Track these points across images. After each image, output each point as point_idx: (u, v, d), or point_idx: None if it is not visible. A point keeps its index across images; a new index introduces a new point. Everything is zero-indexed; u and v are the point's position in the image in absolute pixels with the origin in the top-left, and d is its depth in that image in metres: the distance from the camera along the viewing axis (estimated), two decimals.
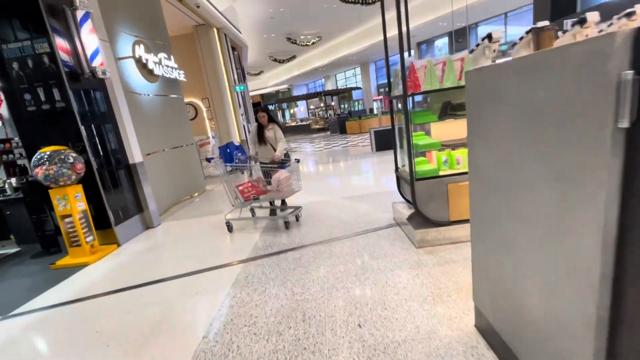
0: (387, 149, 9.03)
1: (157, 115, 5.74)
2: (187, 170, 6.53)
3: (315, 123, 21.24)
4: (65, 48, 3.73)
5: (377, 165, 7.25)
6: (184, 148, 6.53)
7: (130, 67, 5.07)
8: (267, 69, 23.99)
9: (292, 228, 3.82)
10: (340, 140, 14.29)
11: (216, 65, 9.28)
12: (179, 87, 6.62)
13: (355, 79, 24.54)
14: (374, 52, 19.09)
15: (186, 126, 6.79)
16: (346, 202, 4.55)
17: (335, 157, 9.59)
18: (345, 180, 6.19)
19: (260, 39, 15.34)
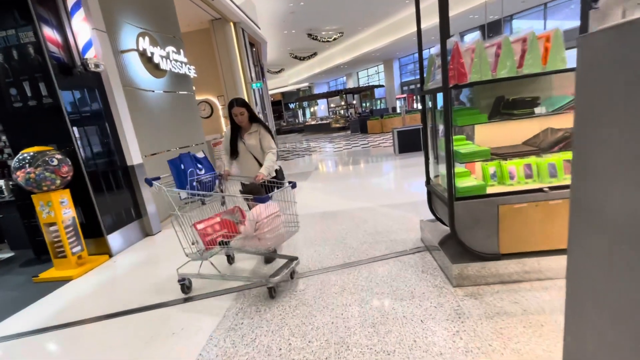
0: (411, 151, 8.30)
1: (163, 113, 5.35)
2: None
3: (336, 122, 20.61)
4: (52, 38, 3.34)
5: (400, 170, 6.56)
6: (194, 148, 6.12)
7: (133, 61, 4.68)
8: (288, 66, 23.60)
9: (299, 245, 3.26)
10: (361, 140, 13.61)
11: (232, 61, 8.87)
12: (189, 83, 6.22)
13: (378, 77, 23.68)
14: (398, 48, 18.20)
15: (196, 124, 6.39)
16: (364, 214, 3.94)
17: (355, 159, 8.96)
18: (364, 186, 5.56)
19: (280, 35, 14.89)
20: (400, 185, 5.40)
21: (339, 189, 5.59)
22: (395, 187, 5.34)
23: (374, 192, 5.02)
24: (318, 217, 4.07)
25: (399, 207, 4.02)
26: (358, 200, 4.62)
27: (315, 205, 4.75)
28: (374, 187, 5.42)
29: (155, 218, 4.44)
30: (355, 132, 17.29)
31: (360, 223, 3.64)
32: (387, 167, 7.04)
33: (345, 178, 6.51)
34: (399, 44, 16.60)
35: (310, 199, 5.11)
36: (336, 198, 4.97)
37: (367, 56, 18.95)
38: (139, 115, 4.71)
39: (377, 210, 4.03)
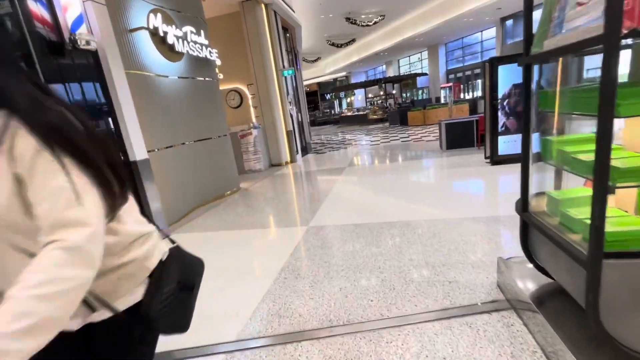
0: (461, 147, 7.08)
1: (179, 102, 4.75)
2: (216, 166, 5.52)
3: (373, 113, 19.37)
4: (33, 9, 2.77)
5: (451, 171, 5.46)
6: (214, 140, 5.52)
7: (143, 42, 4.08)
8: (325, 55, 22.59)
9: (320, 276, 2.44)
10: (400, 133, 12.41)
11: (262, 46, 8.15)
12: (211, 69, 5.59)
13: (420, 64, 21.89)
14: (446, 32, 16.44)
15: (219, 115, 5.77)
16: (408, 232, 3.02)
17: (393, 154, 7.92)
18: (405, 191, 4.59)
19: (317, 20, 13.94)
20: (453, 193, 4.36)
21: (375, 192, 4.67)
22: (447, 194, 4.31)
23: (418, 200, 4.04)
24: (349, 231, 3.22)
25: (457, 225, 3.04)
26: (399, 210, 3.69)
27: (346, 211, 3.89)
28: (418, 192, 4.43)
29: (163, 220, 3.87)
30: (394, 124, 16.02)
31: (403, 246, 2.73)
32: (434, 167, 5.95)
33: (383, 178, 5.55)
34: (446, 26, 14.91)
35: (341, 203, 4.26)
36: (372, 204, 4.07)
37: (409, 41, 17.39)
38: (149, 104, 4.13)
39: (426, 227, 3.08)
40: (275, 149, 8.61)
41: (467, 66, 18.68)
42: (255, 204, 4.87)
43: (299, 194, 5.24)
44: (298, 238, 3.24)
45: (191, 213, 4.82)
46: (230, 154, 6.03)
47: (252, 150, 7.93)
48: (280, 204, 4.72)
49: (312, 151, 11.01)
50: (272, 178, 6.93)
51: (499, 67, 4.94)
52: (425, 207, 3.72)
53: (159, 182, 4.12)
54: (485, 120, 5.40)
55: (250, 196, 5.47)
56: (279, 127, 8.56)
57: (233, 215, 4.45)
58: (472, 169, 5.27)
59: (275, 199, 5.06)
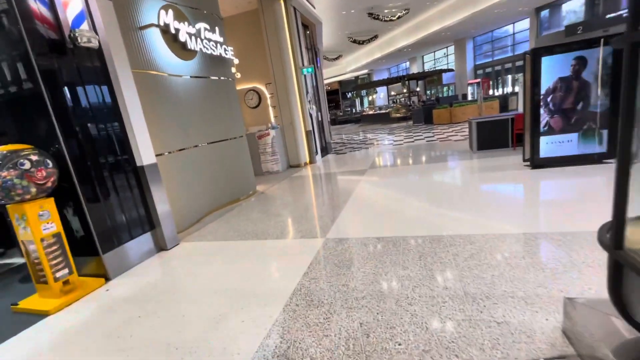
0: (493, 148, 6.48)
1: (192, 102, 4.53)
2: (231, 168, 5.29)
3: (396, 111, 18.70)
4: (31, 5, 2.58)
5: (485, 175, 4.92)
6: (230, 142, 5.28)
7: (154, 40, 3.87)
8: (346, 52, 22.11)
9: (334, 308, 2.08)
10: (425, 132, 11.79)
11: (281, 43, 7.87)
12: (226, 67, 5.35)
13: (446, 60, 20.94)
14: (474, 25, 15.54)
15: (235, 115, 5.52)
16: (440, 251, 2.59)
17: (418, 155, 7.40)
18: (432, 198, 4.13)
19: (338, 16, 13.53)
20: (491, 202, 3.85)
21: (400, 199, 4.24)
22: (483, 203, 3.81)
23: (450, 210, 3.58)
24: (371, 245, 2.84)
25: (499, 242, 2.58)
26: (428, 221, 3.26)
27: (368, 221, 3.50)
28: (449, 200, 3.96)
29: (172, 228, 3.64)
30: (419, 123, 15.34)
31: (436, 269, 2.32)
32: (465, 170, 5.42)
33: (408, 182, 5.09)
34: (476, 19, 14.06)
35: (363, 211, 3.87)
36: (396, 213, 3.65)
37: (435, 36, 16.60)
38: (159, 105, 3.92)
39: (462, 245, 2.64)
40: (294, 149, 8.32)
41: (496, 61, 17.62)
42: (270, 210, 4.58)
43: (318, 199, 4.90)
44: (314, 253, 2.89)
45: (205, 218, 4.60)
46: (246, 156, 5.78)
47: (269, 152, 7.67)
48: (296, 210, 4.40)
49: (332, 151, 10.65)
50: (289, 180, 6.64)
51: (542, 58, 4.36)
52: (458, 218, 3.26)
53: (170, 187, 3.91)
54: (525, 119, 4.82)
55: (266, 200, 5.19)
56: (297, 127, 8.26)
57: (246, 222, 4.17)
58: (510, 173, 4.71)
59: (292, 204, 4.74)
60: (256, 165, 7.82)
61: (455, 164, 5.94)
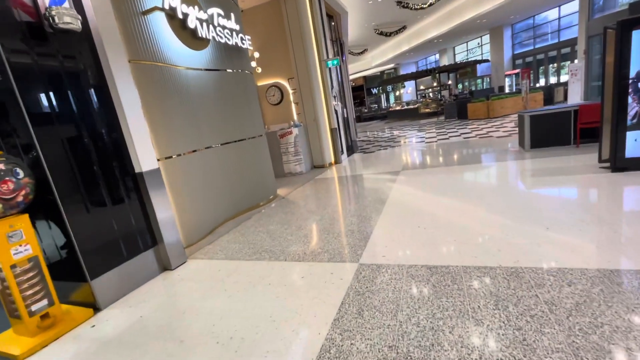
0: (552, 145, 5.50)
1: (204, 98, 4.00)
2: (249, 171, 4.73)
3: (425, 106, 17.56)
4: None
5: (554, 180, 4.02)
6: (248, 142, 4.72)
7: (158, 26, 3.35)
8: (372, 46, 21.12)
9: None
10: (460, 128, 10.74)
11: (304, 34, 7.23)
12: (243, 59, 4.78)
13: (480, 51, 19.43)
14: (513, 10, 14.12)
15: (253, 112, 4.95)
16: (523, 294, 1.84)
17: (457, 155, 6.51)
18: (488, 209, 3.32)
19: (365, 7, 12.69)
20: (574, 217, 2.99)
21: (447, 209, 3.46)
22: (564, 220, 2.96)
23: (520, 228, 2.78)
24: (419, 279, 2.13)
25: (609, 282, 1.79)
26: (493, 243, 2.49)
27: (410, 239, 2.78)
28: (514, 214, 3.14)
29: (178, 243, 3.11)
30: (451, 118, 14.21)
31: (526, 327, 1.58)
32: (524, 173, 4.53)
33: (453, 187, 4.28)
34: (517, 2, 12.70)
35: (402, 224, 3.14)
36: (446, 228, 2.90)
37: (469, 24, 15.30)
38: (165, 101, 3.40)
39: (555, 284, 1.87)
40: (318, 149, 7.68)
41: (538, 49, 16.01)
42: (291, 220, 3.96)
43: (346, 207, 4.23)
44: (345, 286, 2.23)
45: (219, 228, 4.06)
46: (266, 157, 5.21)
47: (292, 151, 7.08)
48: (321, 221, 3.75)
49: (358, 150, 9.91)
50: (313, 183, 6.00)
51: (633, 32, 3.41)
52: (537, 240, 2.47)
53: (179, 195, 3.39)
54: (603, 109, 3.87)
55: (287, 207, 4.58)
56: (322, 124, 7.60)
57: (264, 235, 3.58)
58: (585, 177, 3.79)
59: (316, 213, 4.10)
60: (278, 166, 7.26)
61: (507, 166, 5.03)
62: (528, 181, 4.03)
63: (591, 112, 5.20)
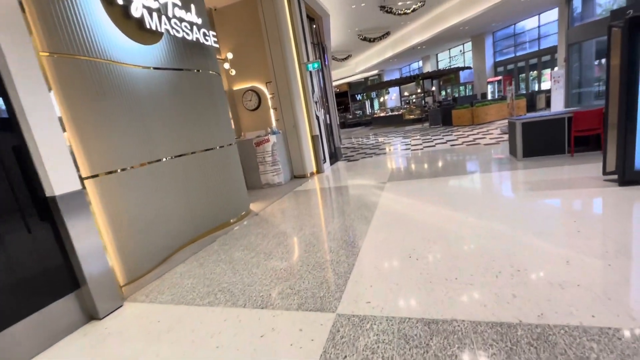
0: (546, 154, 5.12)
1: (157, 102, 3.36)
2: (216, 185, 4.09)
3: (409, 113, 17.32)
4: None
5: (558, 195, 3.56)
6: (214, 153, 4.09)
7: (92, 12, 2.70)
8: (356, 52, 20.85)
9: None
10: (446, 135, 10.41)
11: (283, 36, 6.68)
12: (209, 58, 4.16)
13: (463, 58, 19.46)
14: (496, 18, 14.09)
15: (221, 118, 4.33)
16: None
17: (446, 164, 6.07)
18: (491, 234, 2.82)
19: (347, 11, 12.31)
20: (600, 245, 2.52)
21: (443, 232, 2.92)
22: (588, 246, 2.48)
23: (536, 259, 2.27)
24: (416, 344, 1.57)
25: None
26: (505, 291, 1.95)
27: (399, 278, 2.21)
28: (526, 240, 2.63)
29: (108, 284, 2.44)
30: (436, 125, 13.95)
31: None
32: (521, 187, 4.08)
33: (447, 202, 3.77)
34: (498, 10, 12.63)
35: (391, 252, 2.58)
36: (444, 261, 2.35)
37: (452, 31, 15.20)
38: (104, 104, 2.75)
39: (602, 354, 1.34)
40: (298, 157, 7.10)
41: (519, 57, 16.08)
42: (260, 245, 3.35)
43: (325, 226, 3.65)
44: (316, 355, 1.63)
45: (175, 254, 3.40)
46: (236, 169, 4.58)
47: (269, 161, 6.47)
48: (295, 248, 3.16)
49: (342, 158, 9.39)
50: (292, 196, 5.40)
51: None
52: (557, 280, 1.95)
53: (118, 218, 2.73)
54: (608, 115, 3.46)
55: (259, 226, 3.96)
56: (302, 131, 7.04)
57: (225, 265, 2.95)
58: (593, 193, 3.35)
59: (290, 235, 3.50)
60: (254, 177, 6.63)
61: (502, 177, 4.59)
62: (530, 197, 3.56)
63: (586, 119, 4.85)
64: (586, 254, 2.18)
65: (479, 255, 2.38)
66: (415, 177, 5.41)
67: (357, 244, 2.95)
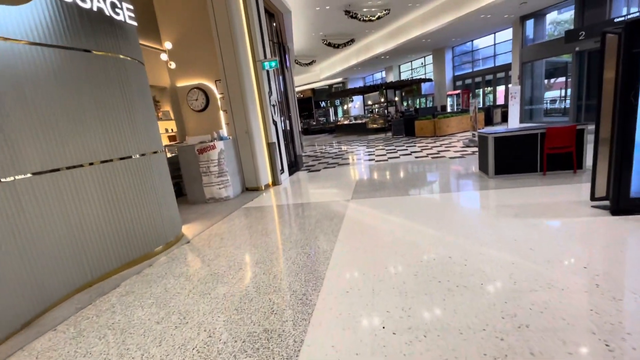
0: (517, 172, 4.73)
1: (28, 94, 2.29)
2: (129, 207, 3.04)
3: (373, 122, 17.07)
4: None
5: (537, 225, 3.03)
6: (127, 163, 3.05)
7: None
8: (320, 58, 20.32)
9: None
10: (410, 146, 10.07)
11: (234, 27, 5.75)
12: (123, 40, 3.13)
13: (424, 70, 19.76)
14: (456, 33, 14.32)
15: (139, 119, 3.30)
16: None
17: (415, 179, 5.52)
18: (477, 278, 2.16)
19: (311, 13, 11.65)
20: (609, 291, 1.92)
21: (420, 266, 2.21)
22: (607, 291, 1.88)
23: (522, 324, 1.61)
24: None
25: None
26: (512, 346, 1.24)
27: (368, 345, 1.42)
28: (503, 292, 1.98)
29: None
30: (399, 135, 13.73)
31: None
32: (504, 215, 3.53)
33: (420, 225, 3.10)
34: (458, 25, 12.77)
35: (354, 304, 1.78)
36: (419, 331, 1.62)
37: (415, 43, 15.22)
38: None
39: None
40: (251, 167, 6.15)
41: (476, 72, 16.57)
42: (179, 295, 2.40)
43: (272, 265, 2.78)
44: None
45: (52, 311, 2.31)
46: (163, 183, 3.56)
47: (215, 171, 5.45)
48: (225, 303, 2.25)
49: (303, 167, 8.58)
50: (239, 215, 4.46)
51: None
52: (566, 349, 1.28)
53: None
54: (597, 133, 3.02)
55: (185, 263, 2.98)
56: (256, 137, 6.11)
57: (113, 337, 1.95)
58: (584, 222, 2.86)
59: (223, 279, 2.59)
60: (196, 190, 5.57)
61: (481, 198, 4.06)
62: (518, 227, 3.00)
63: (559, 136, 4.53)
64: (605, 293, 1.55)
65: (466, 315, 1.66)
66: (381, 193, 4.74)
67: (310, 298, 2.13)
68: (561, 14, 12.76)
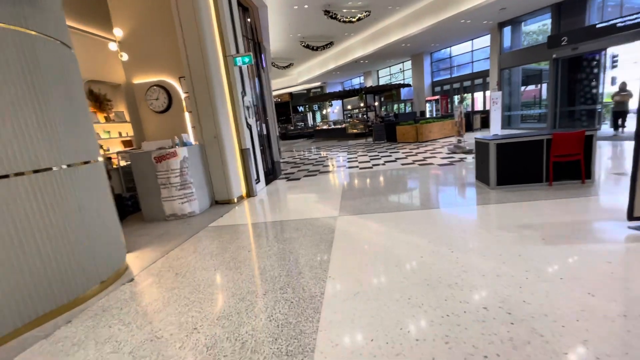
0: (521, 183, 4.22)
1: None
2: (47, 236, 2.15)
3: (353, 127, 16.59)
4: None
5: (570, 256, 2.45)
6: (35, 179, 2.16)
7: None
8: (298, 61, 19.66)
9: None
10: (393, 152, 9.56)
11: (200, 15, 4.92)
12: (34, 7, 2.26)
13: (402, 76, 19.60)
14: (434, 39, 14.16)
15: (60, 119, 2.42)
16: None
17: (407, 190, 4.91)
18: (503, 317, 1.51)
19: (289, 12, 10.97)
20: None
21: (436, 314, 1.53)
22: None
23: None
24: None
25: None
26: None
27: None
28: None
29: None
30: (380, 140, 13.28)
31: None
32: (524, 232, 2.93)
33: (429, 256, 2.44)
34: (437, 30, 12.57)
35: None
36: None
37: (394, 48, 14.94)
38: None
39: None
40: (221, 177, 5.30)
41: (455, 78, 16.55)
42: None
43: (254, 305, 2.00)
44: None
45: None
46: (101, 202, 2.67)
47: (176, 183, 4.56)
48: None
49: (281, 175, 7.79)
50: (204, 237, 3.61)
51: None
52: None
53: None
54: (639, 142, 2.51)
55: (128, 310, 2.12)
56: (227, 143, 5.28)
57: None
58: (631, 249, 2.31)
59: (181, 334, 1.77)
60: (154, 205, 4.64)
61: (488, 215, 3.47)
62: (549, 257, 2.40)
63: (567, 143, 4.08)
64: None
65: None
66: (374, 207, 4.06)
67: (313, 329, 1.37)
68: (528, 25, 12.86)
